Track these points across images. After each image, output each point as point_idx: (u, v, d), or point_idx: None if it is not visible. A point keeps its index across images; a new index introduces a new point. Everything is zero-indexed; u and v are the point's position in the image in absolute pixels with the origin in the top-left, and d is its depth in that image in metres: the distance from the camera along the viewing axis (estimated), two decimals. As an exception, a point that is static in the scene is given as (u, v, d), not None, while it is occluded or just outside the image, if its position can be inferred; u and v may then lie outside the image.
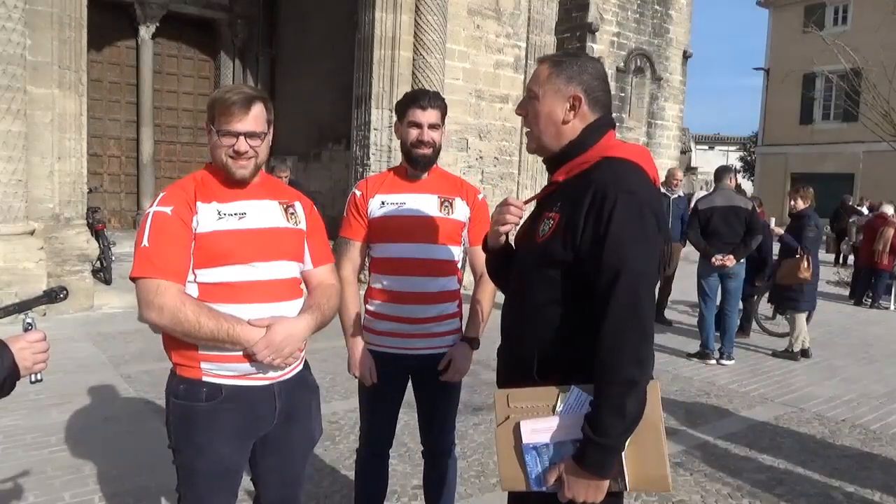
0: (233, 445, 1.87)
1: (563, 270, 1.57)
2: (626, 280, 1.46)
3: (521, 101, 1.74)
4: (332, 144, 12.17)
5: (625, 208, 1.48)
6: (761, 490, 3.60)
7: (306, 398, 2.02)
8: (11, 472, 3.36)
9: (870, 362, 6.72)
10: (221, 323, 1.75)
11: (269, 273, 1.87)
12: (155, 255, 1.76)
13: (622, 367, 1.45)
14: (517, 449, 1.57)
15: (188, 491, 1.90)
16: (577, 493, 1.51)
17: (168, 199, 1.83)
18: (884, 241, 10.34)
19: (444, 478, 2.62)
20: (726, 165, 7.51)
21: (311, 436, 2.06)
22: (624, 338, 1.45)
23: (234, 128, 1.80)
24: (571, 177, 1.63)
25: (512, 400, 1.59)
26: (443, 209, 2.42)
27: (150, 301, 1.74)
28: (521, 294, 1.70)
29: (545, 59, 1.72)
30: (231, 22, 13.72)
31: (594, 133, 1.65)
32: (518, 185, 10.96)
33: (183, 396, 1.84)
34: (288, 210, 1.98)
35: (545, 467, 1.56)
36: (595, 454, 1.47)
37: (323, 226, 2.12)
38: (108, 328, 6.53)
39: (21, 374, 1.56)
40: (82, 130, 7.44)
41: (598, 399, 1.47)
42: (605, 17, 12.61)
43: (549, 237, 1.59)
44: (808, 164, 25.65)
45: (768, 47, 27.99)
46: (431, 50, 8.97)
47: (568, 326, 1.58)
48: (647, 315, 1.50)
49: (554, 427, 1.55)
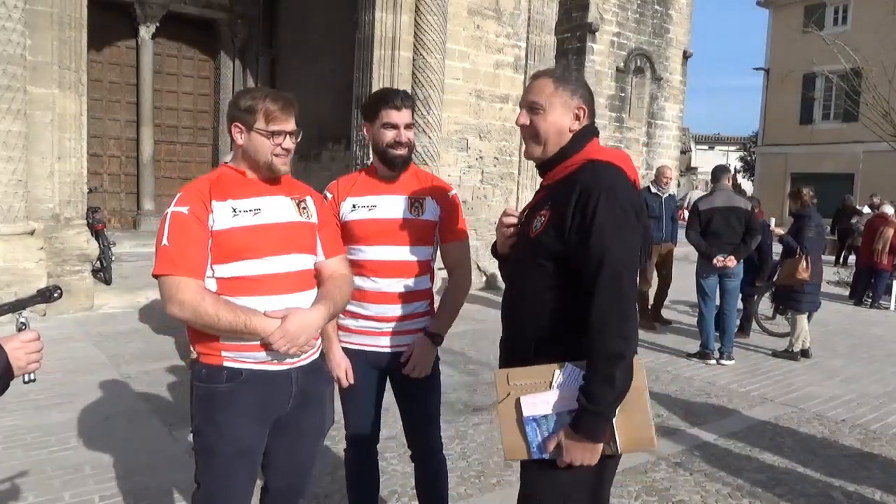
0: (251, 428, 1.97)
1: (555, 261, 1.77)
2: (608, 266, 1.66)
3: (523, 113, 1.89)
4: (332, 144, 12.17)
5: (606, 204, 1.68)
6: (761, 490, 3.60)
7: (321, 385, 2.15)
8: (11, 472, 3.36)
9: (870, 362, 6.72)
10: (239, 315, 1.86)
11: (283, 266, 1.97)
12: (175, 254, 1.86)
13: (610, 343, 1.64)
14: (518, 422, 1.76)
15: (208, 473, 1.97)
16: (575, 457, 1.70)
17: (184, 200, 1.93)
18: (883, 241, 10.34)
19: (432, 478, 2.60)
20: (724, 165, 7.50)
21: (322, 421, 2.16)
22: (610, 316, 1.65)
23: (286, 127, 1.97)
24: (559, 179, 1.84)
25: (512, 378, 1.78)
26: (413, 210, 2.42)
27: (172, 297, 1.85)
28: (518, 284, 1.90)
29: (545, 74, 1.90)
30: (231, 22, 13.72)
31: (581, 140, 1.85)
32: (518, 185, 10.95)
33: (205, 379, 1.96)
34: (300, 205, 2.08)
35: (545, 436, 1.75)
36: (589, 421, 1.67)
37: (334, 219, 2.24)
38: (108, 328, 6.53)
39: (15, 374, 1.57)
40: (82, 130, 7.44)
41: (590, 372, 1.67)
42: (605, 17, 12.61)
43: (541, 232, 1.79)
44: (808, 164, 25.65)
45: (768, 47, 28.00)
46: (431, 50, 8.97)
47: (561, 311, 1.77)
48: (630, 296, 1.70)
49: (551, 400, 1.74)
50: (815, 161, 25.35)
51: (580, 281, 1.70)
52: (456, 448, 3.91)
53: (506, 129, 10.73)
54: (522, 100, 1.91)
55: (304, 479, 2.19)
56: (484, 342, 6.38)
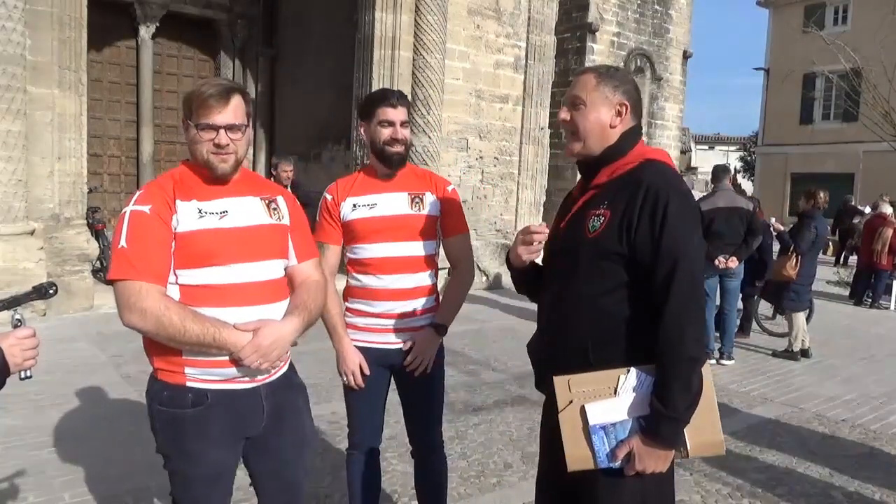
0: (223, 449, 1.85)
1: (617, 262, 1.70)
2: (683, 269, 1.63)
3: (564, 109, 1.84)
4: (332, 144, 12.17)
5: (678, 205, 1.66)
6: (761, 490, 3.60)
7: (293, 398, 1.99)
8: (11, 472, 3.36)
9: (870, 362, 6.72)
10: (207, 327, 1.70)
11: (253, 275, 1.82)
12: (134, 256, 1.70)
13: (687, 347, 1.61)
14: (584, 431, 1.69)
15: (183, 495, 1.89)
16: (648, 465, 1.66)
17: (146, 198, 1.77)
18: (882, 241, 10.34)
19: (432, 476, 2.61)
20: (724, 165, 7.49)
21: (302, 435, 2.01)
22: (687, 320, 1.62)
23: (213, 120, 1.75)
24: (615, 177, 1.77)
25: (573, 385, 1.70)
26: (413, 206, 2.44)
27: (131, 305, 1.68)
28: (569, 288, 1.80)
29: (588, 71, 1.84)
30: (231, 22, 13.72)
31: (631, 139, 1.81)
32: (518, 185, 10.95)
33: (167, 403, 1.81)
34: (270, 205, 1.92)
35: (613, 445, 1.68)
36: (668, 427, 1.63)
37: (306, 220, 2.06)
38: (108, 328, 6.52)
39: (11, 371, 1.56)
40: (82, 130, 7.44)
41: (667, 377, 1.62)
42: (605, 17, 12.61)
43: (602, 232, 1.71)
44: (808, 164, 25.64)
45: (768, 47, 27.99)
46: (431, 50, 8.97)
47: (622, 313, 1.71)
48: (702, 299, 1.68)
49: (619, 407, 1.68)
50: (815, 161, 25.34)
51: (642, 282, 1.67)
52: (456, 448, 3.91)
53: (506, 129, 10.73)
54: (565, 95, 1.87)
55: (298, 496, 2.05)
56: (484, 342, 6.35)
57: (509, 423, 4.41)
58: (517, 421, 4.46)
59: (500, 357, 5.94)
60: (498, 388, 5.13)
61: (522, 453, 3.94)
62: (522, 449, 4.01)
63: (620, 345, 1.70)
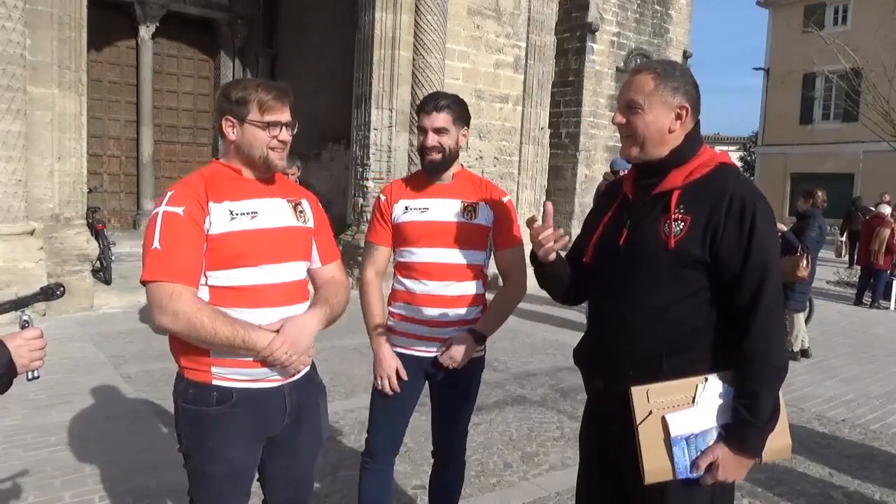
0: (244, 448, 1.86)
1: (697, 269, 1.66)
2: (772, 279, 1.61)
3: (620, 112, 1.76)
4: (332, 144, 12.17)
5: (764, 215, 1.64)
6: (761, 490, 3.60)
7: (314, 398, 2.01)
8: (11, 472, 3.36)
9: (870, 362, 6.72)
10: (237, 329, 1.72)
11: (279, 276, 1.85)
12: (168, 258, 1.71)
13: (775, 356, 1.61)
14: (666, 442, 1.65)
15: (201, 494, 1.89)
16: (730, 474, 1.64)
17: (178, 199, 1.76)
18: (879, 241, 10.34)
19: (451, 480, 2.62)
20: None
21: (319, 437, 2.04)
22: (776, 330, 1.64)
23: (280, 118, 1.82)
24: (691, 182, 1.70)
25: (652, 395, 1.66)
26: (466, 214, 2.40)
27: (163, 306, 1.69)
28: (639, 294, 1.72)
29: (645, 70, 1.74)
30: (231, 22, 13.71)
31: (696, 142, 1.76)
32: (518, 185, 10.94)
33: (192, 401, 1.82)
34: (297, 208, 1.95)
35: (694, 456, 1.65)
36: (755, 436, 1.62)
37: (328, 222, 2.10)
38: (108, 328, 6.53)
39: (18, 371, 1.56)
40: (82, 130, 7.43)
41: (754, 386, 1.60)
42: (605, 17, 12.61)
43: (684, 238, 1.65)
44: (808, 164, 25.64)
45: (768, 47, 27.98)
46: (431, 50, 8.97)
47: (697, 320, 1.68)
48: (783, 308, 1.71)
49: (699, 417, 1.65)
50: (815, 161, 25.34)
51: (719, 290, 1.65)
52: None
53: (506, 129, 10.73)
54: (620, 96, 1.78)
55: (306, 494, 2.07)
56: (484, 342, 6.32)
57: (509, 423, 4.41)
58: (517, 421, 4.46)
59: (500, 357, 5.94)
60: (498, 388, 5.12)
61: (522, 453, 3.94)
62: (522, 449, 4.01)
63: (696, 352, 1.67)
